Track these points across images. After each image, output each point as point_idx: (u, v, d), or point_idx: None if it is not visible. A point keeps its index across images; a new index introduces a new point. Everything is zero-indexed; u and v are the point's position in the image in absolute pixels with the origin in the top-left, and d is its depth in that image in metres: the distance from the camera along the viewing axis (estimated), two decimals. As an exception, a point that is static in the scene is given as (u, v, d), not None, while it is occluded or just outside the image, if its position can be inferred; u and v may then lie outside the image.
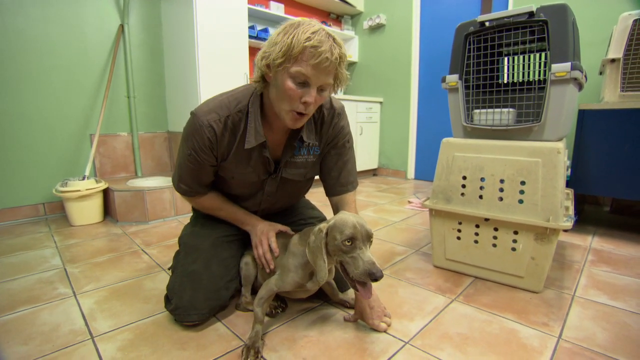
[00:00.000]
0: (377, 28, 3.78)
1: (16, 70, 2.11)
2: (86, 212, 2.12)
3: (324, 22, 3.68)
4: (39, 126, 2.23)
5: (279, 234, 1.09)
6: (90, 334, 1.01)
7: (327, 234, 0.83)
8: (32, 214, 2.24)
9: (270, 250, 1.04)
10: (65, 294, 1.26)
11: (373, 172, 4.03)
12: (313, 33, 0.80)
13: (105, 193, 2.23)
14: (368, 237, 0.82)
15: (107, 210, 2.27)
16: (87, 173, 2.22)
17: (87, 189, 2.07)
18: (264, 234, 1.06)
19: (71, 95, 2.34)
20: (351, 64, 4.09)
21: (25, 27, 2.13)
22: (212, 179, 1.08)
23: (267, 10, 3.06)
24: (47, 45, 2.21)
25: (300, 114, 0.89)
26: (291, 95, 0.85)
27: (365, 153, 3.74)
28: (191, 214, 1.29)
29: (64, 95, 2.31)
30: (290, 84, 0.84)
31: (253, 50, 3.10)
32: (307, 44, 0.79)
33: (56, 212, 2.32)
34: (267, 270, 1.00)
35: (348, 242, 0.79)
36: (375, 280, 0.76)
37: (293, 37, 0.80)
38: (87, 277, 1.39)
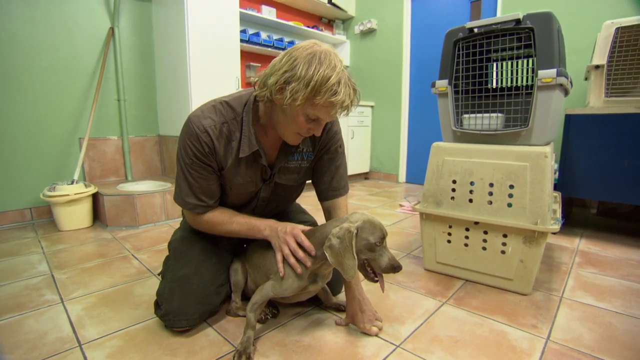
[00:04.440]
0: (368, 33, 3.82)
1: (1, 72, 2.08)
2: (75, 217, 2.08)
3: (315, 27, 3.71)
4: (26, 129, 2.19)
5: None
6: (78, 341, 0.99)
7: (356, 234, 0.87)
8: (18, 219, 2.20)
9: (303, 248, 0.91)
10: (52, 300, 1.23)
11: (365, 176, 4.05)
12: (338, 84, 0.82)
13: (95, 197, 2.20)
14: (386, 235, 0.92)
15: (97, 214, 2.24)
16: (76, 177, 2.19)
17: (75, 194, 2.04)
18: (289, 234, 0.93)
19: (60, 98, 2.31)
20: (343, 68, 4.11)
21: (12, 27, 2.10)
22: (219, 190, 1.03)
23: (258, 15, 3.07)
24: (35, 47, 2.19)
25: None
26: (300, 127, 0.90)
27: (357, 157, 3.75)
28: (181, 219, 1.28)
29: (53, 98, 2.28)
30: (302, 119, 0.88)
31: (244, 54, 3.10)
32: (333, 99, 0.82)
33: (43, 217, 2.28)
34: (299, 271, 0.90)
35: (380, 242, 0.88)
36: (399, 271, 0.88)
37: (316, 83, 0.81)
38: (75, 283, 1.36)
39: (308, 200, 1.62)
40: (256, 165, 1.02)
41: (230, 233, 1.04)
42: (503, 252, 1.27)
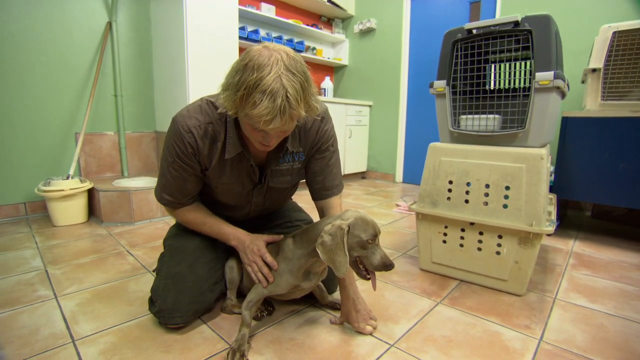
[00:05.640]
0: (367, 32, 3.82)
1: (-1, 66, 2.06)
2: (70, 212, 2.07)
3: (314, 25, 3.70)
4: (22, 123, 2.17)
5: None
6: (72, 337, 0.99)
7: (347, 231, 0.87)
8: (12, 214, 2.19)
9: (267, 264, 0.98)
10: (46, 296, 1.23)
11: (362, 175, 4.05)
12: (263, 92, 0.72)
13: (90, 193, 2.19)
14: (379, 233, 0.91)
15: (92, 210, 2.23)
16: (71, 172, 2.18)
17: (71, 189, 2.03)
18: (255, 252, 0.99)
19: (56, 93, 2.29)
20: (341, 67, 4.11)
21: (9, 21, 2.08)
22: (198, 189, 1.05)
23: (258, 12, 3.06)
24: (31, 41, 2.16)
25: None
26: (253, 135, 0.85)
27: (354, 156, 3.76)
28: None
29: (49, 92, 2.26)
30: (249, 127, 0.82)
31: (243, 52, 3.08)
32: (253, 112, 0.74)
33: (38, 212, 2.26)
34: (265, 285, 0.96)
35: (372, 240, 0.87)
36: (391, 269, 0.88)
37: (243, 94, 0.74)
38: (69, 279, 1.36)
39: (304, 199, 1.62)
40: (242, 166, 1.01)
41: (203, 233, 1.08)
42: (498, 253, 1.27)
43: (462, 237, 1.35)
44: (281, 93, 0.73)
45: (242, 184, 1.04)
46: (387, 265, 0.88)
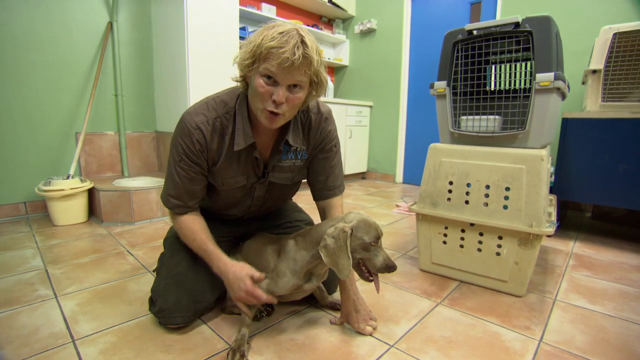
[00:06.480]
0: (368, 32, 3.82)
1: (-1, 66, 2.07)
2: (70, 212, 2.07)
3: (315, 26, 3.70)
4: (23, 123, 2.18)
5: (268, 241, 1.08)
6: (72, 337, 0.99)
7: (350, 234, 0.87)
8: (12, 213, 2.18)
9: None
10: (45, 295, 1.23)
11: (362, 176, 4.05)
12: (281, 34, 0.80)
13: (91, 193, 2.19)
14: (382, 235, 0.92)
15: (92, 210, 2.23)
16: (71, 172, 2.18)
17: (71, 188, 2.03)
18: (242, 290, 0.92)
19: (57, 92, 2.29)
20: (342, 68, 4.11)
21: (9, 20, 2.08)
22: (204, 191, 1.04)
23: (258, 12, 3.06)
24: (32, 41, 2.17)
25: (274, 114, 0.87)
26: (262, 93, 0.84)
27: (354, 156, 3.76)
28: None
29: (49, 91, 2.26)
30: (260, 81, 0.84)
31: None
32: (270, 44, 0.79)
33: (38, 211, 2.26)
34: (249, 316, 0.96)
35: (375, 242, 0.88)
36: (393, 270, 0.89)
37: (262, 38, 0.81)
38: (69, 279, 1.36)
39: (305, 199, 1.62)
40: (248, 158, 1.01)
41: (190, 247, 1.03)
42: (498, 253, 1.27)
43: (462, 238, 1.35)
44: (296, 36, 0.81)
45: (246, 177, 1.04)
46: (389, 267, 0.88)
